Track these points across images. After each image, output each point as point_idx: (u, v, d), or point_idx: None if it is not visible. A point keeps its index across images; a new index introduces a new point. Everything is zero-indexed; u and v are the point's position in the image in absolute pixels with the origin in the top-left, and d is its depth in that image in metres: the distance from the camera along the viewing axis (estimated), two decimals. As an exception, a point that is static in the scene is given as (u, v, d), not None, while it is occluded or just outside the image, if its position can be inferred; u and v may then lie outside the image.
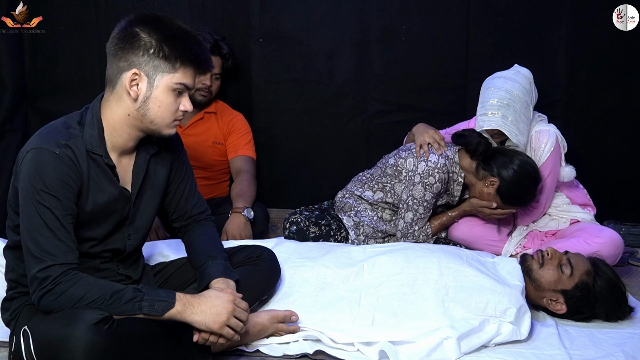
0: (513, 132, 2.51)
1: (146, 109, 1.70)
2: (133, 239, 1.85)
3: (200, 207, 2.02)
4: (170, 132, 1.77)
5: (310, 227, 2.66)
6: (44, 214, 1.61)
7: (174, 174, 1.95)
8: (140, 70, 1.67)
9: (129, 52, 1.67)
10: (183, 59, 1.68)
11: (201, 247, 1.95)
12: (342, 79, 3.15)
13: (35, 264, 1.60)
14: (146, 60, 1.66)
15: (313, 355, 1.91)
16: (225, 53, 2.95)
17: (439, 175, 2.55)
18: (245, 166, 2.96)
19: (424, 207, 2.60)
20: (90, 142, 1.70)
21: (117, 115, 1.72)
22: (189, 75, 1.71)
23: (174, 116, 1.74)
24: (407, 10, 3.06)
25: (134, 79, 1.68)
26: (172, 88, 1.69)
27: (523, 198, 2.57)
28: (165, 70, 1.68)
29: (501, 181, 2.52)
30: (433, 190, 2.57)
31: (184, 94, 1.73)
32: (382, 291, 2.08)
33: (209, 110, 3.00)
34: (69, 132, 1.68)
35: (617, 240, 2.51)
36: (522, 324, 1.99)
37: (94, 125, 1.71)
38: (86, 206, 1.70)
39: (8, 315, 1.78)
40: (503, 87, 2.53)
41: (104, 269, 1.80)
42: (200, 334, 1.70)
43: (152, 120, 1.72)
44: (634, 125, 3.05)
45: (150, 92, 1.69)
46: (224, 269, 1.88)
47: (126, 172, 1.80)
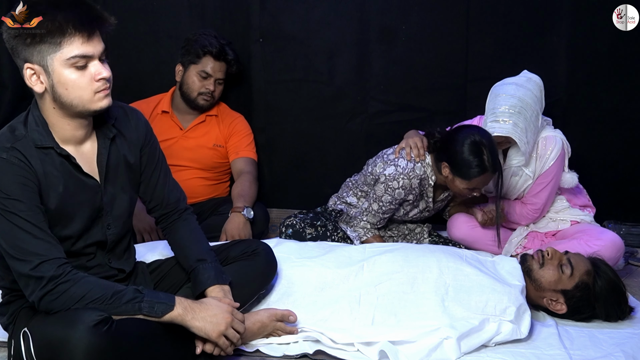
0: (523, 140, 2.47)
1: (58, 95, 1.61)
2: (113, 227, 1.80)
3: (176, 192, 1.97)
4: (101, 105, 1.64)
5: (306, 229, 2.68)
6: (12, 220, 1.58)
7: (145, 160, 1.88)
8: (31, 62, 1.58)
9: (15, 50, 1.60)
10: (61, 30, 1.54)
11: (189, 249, 1.93)
12: (342, 79, 3.15)
13: (23, 265, 1.58)
14: (30, 51, 1.57)
15: (313, 356, 1.91)
16: (230, 59, 2.94)
17: (403, 181, 2.54)
18: (247, 168, 2.95)
19: (377, 205, 2.61)
20: (38, 138, 1.65)
21: (47, 112, 1.67)
22: (78, 42, 1.56)
23: (92, 88, 1.62)
24: (407, 10, 3.05)
25: (32, 73, 1.61)
26: (70, 64, 1.58)
27: (473, 165, 2.41)
28: (50, 51, 1.56)
29: (449, 161, 2.47)
30: (394, 195, 2.57)
31: (91, 63, 1.60)
32: (382, 290, 2.08)
33: (210, 113, 3.00)
34: (14, 135, 1.64)
35: (618, 243, 2.51)
36: (522, 323, 1.99)
37: (38, 122, 1.67)
38: (50, 203, 1.66)
39: (6, 319, 1.77)
40: (516, 94, 2.49)
41: (93, 266, 1.77)
42: (204, 344, 1.71)
43: (70, 103, 1.62)
44: (634, 126, 3.04)
45: (52, 80, 1.59)
46: (216, 273, 1.88)
47: (91, 162, 1.74)
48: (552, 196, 2.68)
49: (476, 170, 2.41)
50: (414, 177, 2.55)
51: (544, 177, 2.61)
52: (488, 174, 2.43)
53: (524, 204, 2.70)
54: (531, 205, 2.68)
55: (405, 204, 2.67)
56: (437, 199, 2.72)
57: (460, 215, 2.77)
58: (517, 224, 2.76)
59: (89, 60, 1.60)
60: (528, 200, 2.68)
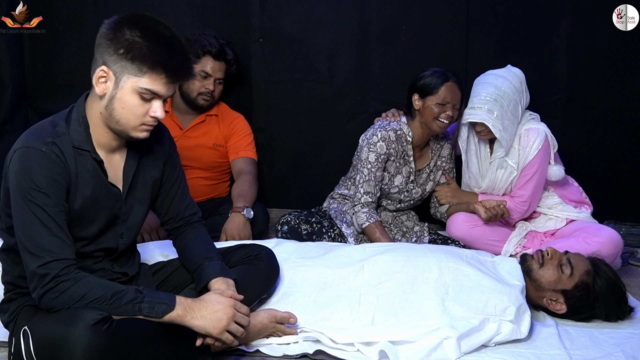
0: (497, 127, 2.54)
1: (112, 108, 1.67)
2: (126, 237, 1.84)
3: (192, 208, 2.01)
4: (139, 136, 1.71)
5: (301, 225, 2.70)
6: (36, 212, 1.60)
7: (166, 175, 1.93)
8: (109, 68, 1.64)
9: (102, 48, 1.65)
10: (152, 64, 1.62)
11: (196, 250, 1.94)
12: (342, 79, 3.15)
13: (34, 260, 1.60)
14: (115, 59, 1.63)
15: (313, 355, 1.91)
16: (230, 59, 2.94)
17: (381, 133, 2.67)
18: (247, 167, 2.95)
19: (367, 170, 2.68)
20: (77, 139, 1.69)
21: (94, 112, 1.71)
22: (159, 82, 1.64)
23: (141, 120, 1.69)
24: (407, 10, 3.05)
25: (102, 75, 1.66)
26: (138, 92, 1.65)
27: (436, 76, 2.62)
28: (132, 73, 1.63)
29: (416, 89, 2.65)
30: (377, 151, 2.67)
31: (156, 100, 1.68)
32: (382, 290, 2.08)
33: (210, 113, 3.00)
34: (55, 130, 1.68)
35: (617, 239, 2.52)
36: (522, 323, 1.99)
37: (80, 122, 1.71)
38: (75, 203, 1.69)
39: (7, 316, 1.78)
40: (493, 82, 2.58)
41: (98, 269, 1.79)
42: (204, 339, 1.70)
43: (117, 120, 1.68)
44: (634, 125, 3.04)
45: (115, 92, 1.65)
46: (221, 269, 1.88)
47: (117, 170, 1.79)
48: (539, 189, 2.69)
49: (440, 80, 2.60)
50: (390, 129, 2.69)
51: (527, 168, 2.64)
52: (451, 82, 2.60)
53: (512, 197, 2.72)
54: (518, 197, 2.70)
55: (389, 166, 2.72)
56: (420, 165, 2.79)
57: (460, 215, 2.77)
58: (510, 220, 2.76)
59: (155, 97, 1.67)
60: (515, 194, 2.72)
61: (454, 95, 2.60)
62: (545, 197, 2.76)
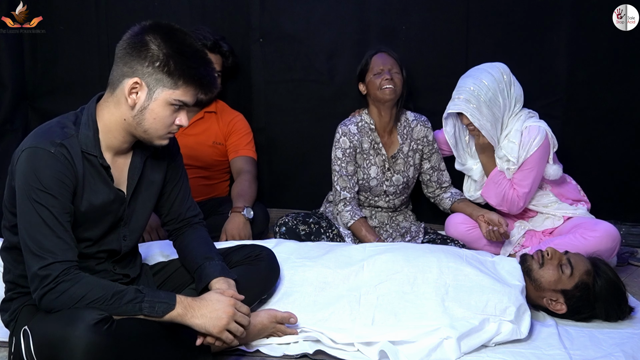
0: (475, 116, 2.59)
1: (142, 118, 1.70)
2: (129, 239, 1.85)
3: (193, 210, 2.02)
4: (161, 143, 1.77)
5: (299, 226, 2.71)
6: (41, 213, 1.61)
7: (169, 176, 1.94)
8: (142, 79, 1.67)
9: (134, 60, 1.66)
10: (187, 77, 1.67)
11: (197, 250, 1.95)
12: (342, 79, 3.15)
13: (36, 261, 1.60)
14: (150, 71, 1.66)
15: (313, 355, 1.91)
16: (225, 51, 2.96)
17: (342, 129, 2.76)
18: (246, 167, 2.95)
19: (338, 166, 2.76)
20: (85, 143, 1.70)
21: (113, 118, 1.72)
22: (190, 93, 1.70)
23: (168, 129, 1.74)
24: (407, 10, 3.05)
25: (135, 87, 1.67)
26: (171, 103, 1.69)
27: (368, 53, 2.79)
28: (167, 86, 1.67)
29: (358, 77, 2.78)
30: (341, 146, 2.75)
31: (182, 110, 1.73)
32: (382, 290, 2.08)
33: (209, 110, 3.00)
34: (64, 132, 1.68)
35: (613, 233, 2.51)
36: (522, 323, 1.99)
37: (89, 126, 1.71)
38: (81, 206, 1.70)
39: (7, 316, 1.78)
40: (472, 74, 2.66)
41: (99, 271, 1.80)
42: (204, 338, 1.70)
43: (145, 129, 1.72)
44: (634, 125, 3.04)
45: (148, 103, 1.68)
46: (222, 269, 1.89)
47: (121, 173, 1.80)
48: (535, 186, 2.68)
49: (367, 56, 2.76)
50: (350, 123, 2.78)
51: (527, 163, 2.63)
52: (378, 53, 2.76)
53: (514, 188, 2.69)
54: (520, 187, 2.67)
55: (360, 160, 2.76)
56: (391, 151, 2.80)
57: (460, 215, 2.78)
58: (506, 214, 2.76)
59: (183, 107, 1.72)
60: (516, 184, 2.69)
61: (384, 61, 2.72)
62: (540, 195, 2.76)
